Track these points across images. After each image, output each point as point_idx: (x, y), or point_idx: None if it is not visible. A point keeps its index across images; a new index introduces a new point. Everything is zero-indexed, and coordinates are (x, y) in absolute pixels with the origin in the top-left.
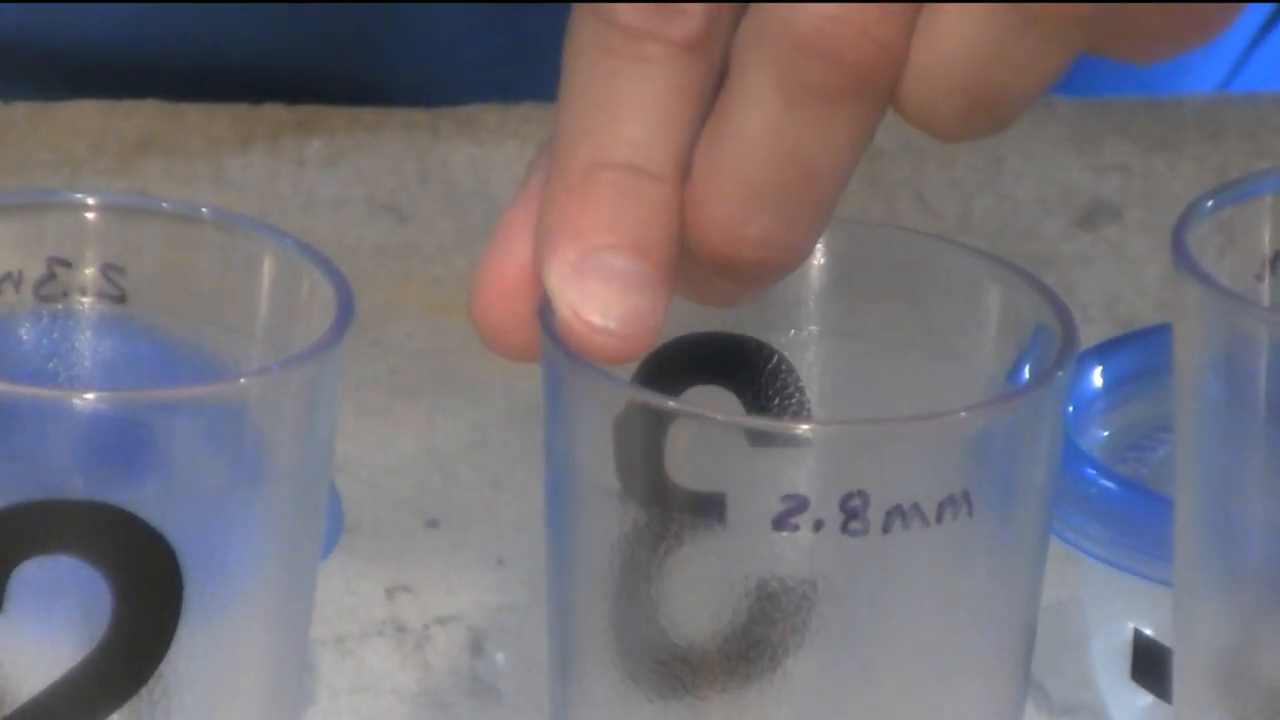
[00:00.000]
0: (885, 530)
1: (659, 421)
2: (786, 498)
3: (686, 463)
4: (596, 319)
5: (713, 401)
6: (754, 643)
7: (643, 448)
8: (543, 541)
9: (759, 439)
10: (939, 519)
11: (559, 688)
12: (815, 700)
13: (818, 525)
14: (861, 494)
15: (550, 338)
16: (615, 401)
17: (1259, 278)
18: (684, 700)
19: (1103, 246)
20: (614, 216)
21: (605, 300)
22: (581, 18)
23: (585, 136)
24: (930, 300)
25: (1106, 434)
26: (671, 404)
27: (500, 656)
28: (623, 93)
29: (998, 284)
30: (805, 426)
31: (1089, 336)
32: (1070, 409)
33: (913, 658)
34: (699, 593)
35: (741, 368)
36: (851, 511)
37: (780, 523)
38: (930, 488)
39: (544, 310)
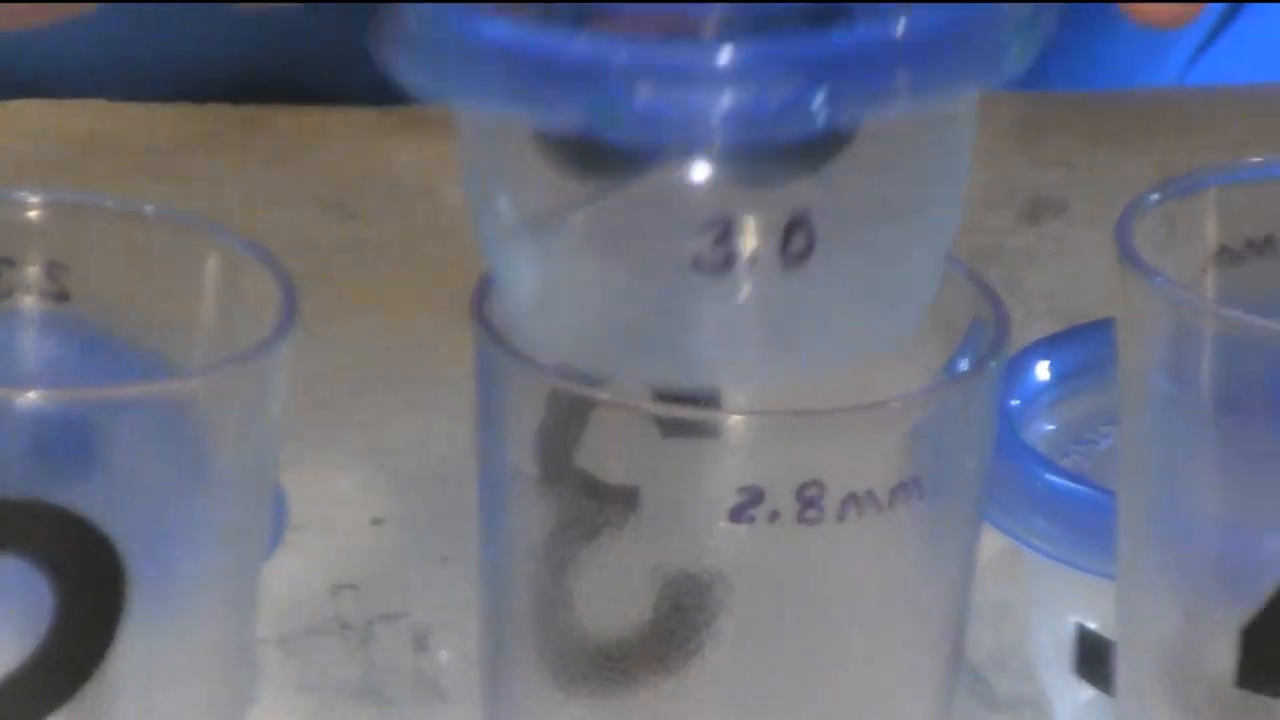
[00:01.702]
0: (840, 518)
1: (597, 413)
2: (743, 489)
3: (626, 454)
4: None
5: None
6: (691, 634)
7: (577, 437)
8: None
9: (697, 430)
10: (891, 505)
11: (490, 682)
12: (752, 687)
13: (773, 516)
14: (818, 483)
15: (482, 325)
16: (542, 388)
17: (1203, 271)
18: (618, 695)
19: (1048, 241)
20: None
21: None
22: None
23: None
24: None
25: (1052, 428)
26: (608, 395)
27: (444, 653)
28: None
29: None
30: (751, 419)
31: (1034, 331)
32: (1015, 403)
33: (853, 640)
34: (631, 585)
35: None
36: (808, 501)
37: (737, 514)
38: (883, 475)
39: (477, 299)
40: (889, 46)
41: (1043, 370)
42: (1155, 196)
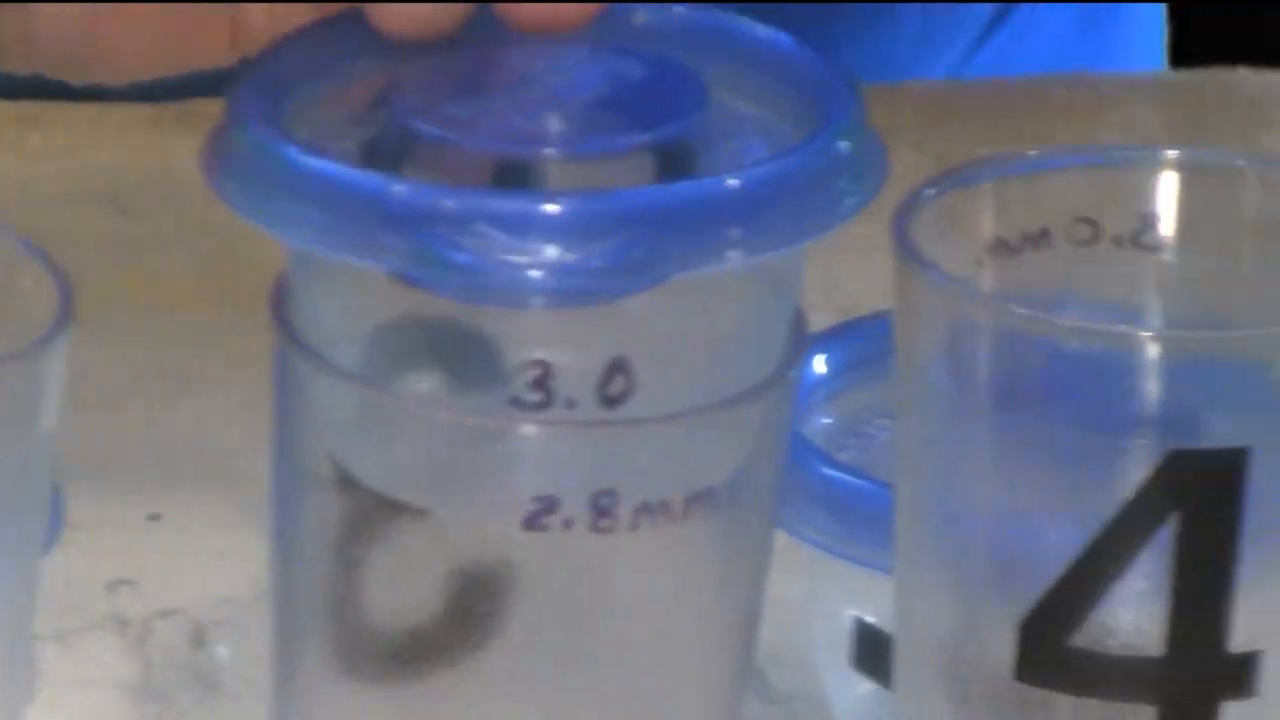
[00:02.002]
0: (634, 527)
1: (390, 416)
2: (538, 498)
3: (421, 459)
4: None
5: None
6: (483, 635)
7: (373, 439)
8: (265, 534)
9: (498, 438)
10: (686, 514)
11: (280, 678)
12: (544, 688)
13: (567, 524)
14: (611, 492)
15: (281, 326)
16: (341, 392)
17: (979, 264)
18: (405, 692)
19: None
20: None
21: None
22: None
23: None
24: None
25: (829, 421)
26: (405, 400)
27: (222, 649)
28: None
29: None
30: (548, 428)
31: (812, 323)
32: None
33: (643, 649)
34: (423, 585)
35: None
36: (601, 509)
37: (531, 522)
38: (677, 484)
39: (276, 300)
40: (721, 200)
41: (819, 364)
42: (931, 190)
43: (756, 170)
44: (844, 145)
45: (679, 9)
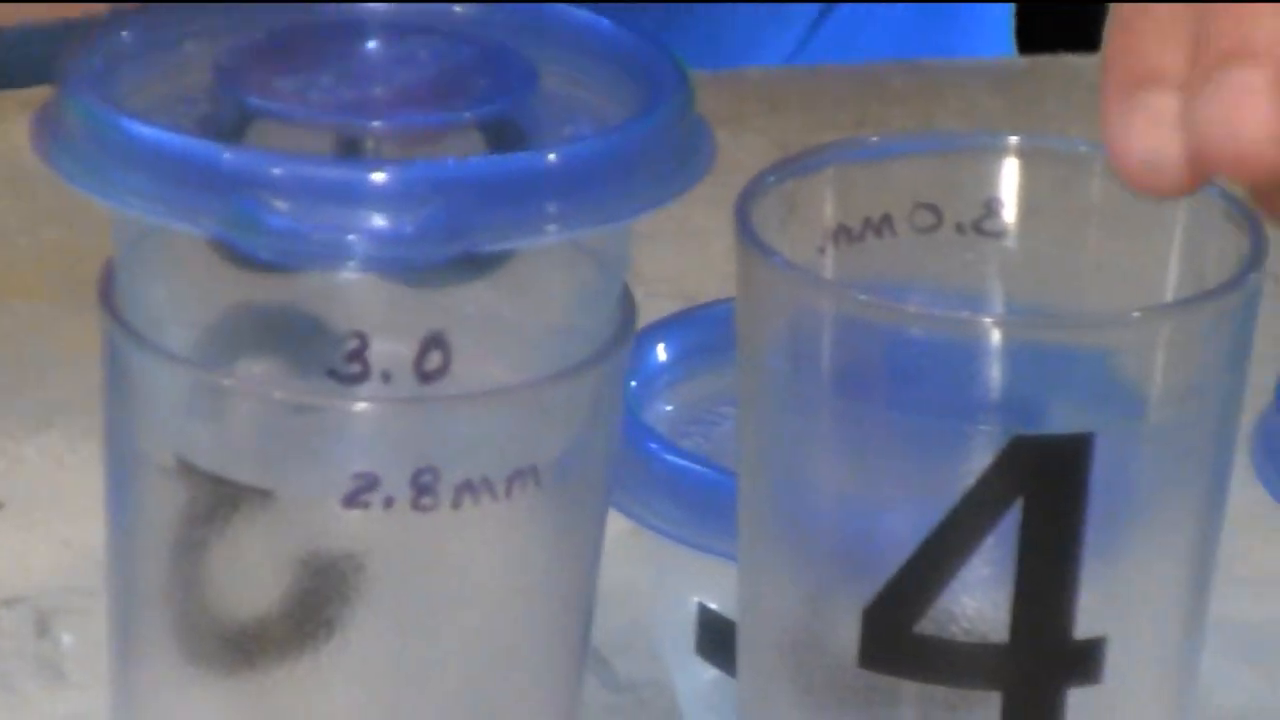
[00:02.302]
0: (456, 505)
1: (217, 397)
2: (358, 475)
3: (247, 439)
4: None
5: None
6: (319, 619)
7: (202, 423)
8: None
9: (320, 415)
10: (508, 493)
11: (120, 669)
12: (380, 672)
13: (388, 502)
14: (432, 469)
15: (110, 314)
16: (172, 376)
17: (821, 250)
18: (246, 677)
19: (666, 221)
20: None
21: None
22: None
23: None
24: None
25: (670, 408)
26: (229, 380)
27: (67, 638)
28: None
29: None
30: (368, 404)
31: (654, 311)
32: (634, 384)
33: (479, 629)
34: (259, 569)
35: (305, 342)
36: (422, 487)
37: (351, 499)
38: (499, 462)
39: (104, 288)
40: (538, 175)
41: (661, 351)
42: (772, 177)
43: (576, 146)
44: (669, 127)
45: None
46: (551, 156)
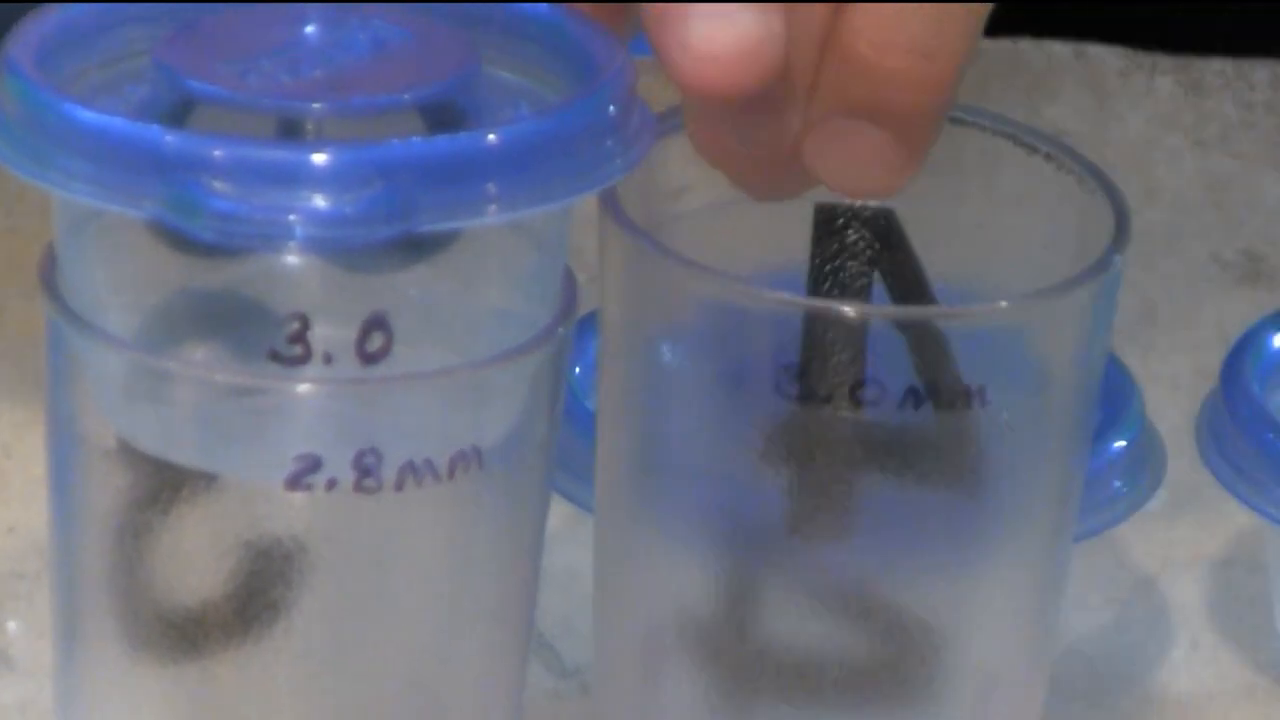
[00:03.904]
0: (399, 487)
1: (159, 380)
2: (300, 457)
3: (189, 422)
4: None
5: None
6: (263, 603)
7: (148, 406)
8: None
9: (262, 397)
10: (451, 475)
11: (64, 655)
12: (325, 655)
13: (331, 484)
14: (374, 451)
15: (52, 297)
16: (113, 360)
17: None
18: (191, 661)
19: None
20: None
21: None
22: None
23: None
24: None
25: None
26: (171, 362)
27: (13, 625)
28: None
29: None
30: (310, 386)
31: (597, 294)
32: (578, 370)
33: (422, 611)
34: (203, 554)
35: (247, 325)
36: (365, 469)
37: (294, 482)
38: (442, 444)
39: (46, 271)
40: (479, 155)
41: None
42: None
43: (515, 127)
44: (610, 109)
45: None
46: (491, 137)
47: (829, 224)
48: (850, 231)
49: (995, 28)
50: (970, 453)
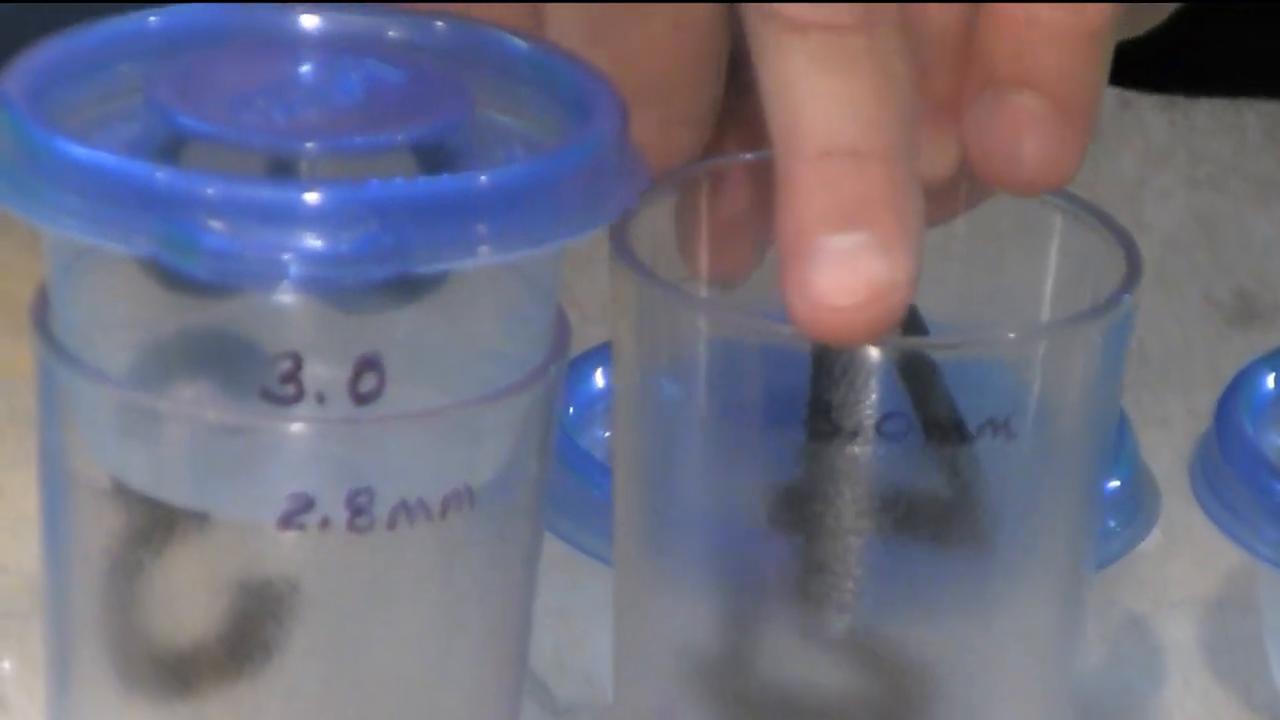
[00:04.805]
0: (391, 526)
1: (151, 419)
2: (292, 496)
3: (181, 461)
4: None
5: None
6: (255, 642)
7: (141, 445)
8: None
9: (254, 436)
10: (444, 514)
11: (57, 694)
12: (317, 695)
13: (323, 523)
14: (367, 490)
15: (43, 336)
16: (106, 398)
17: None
18: (183, 701)
19: (601, 244)
20: (829, 201)
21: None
22: (752, 21)
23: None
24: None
25: (607, 434)
26: (163, 401)
27: (6, 663)
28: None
29: None
30: (302, 425)
31: (587, 333)
32: (570, 410)
33: (415, 650)
34: (195, 593)
35: (239, 363)
36: (357, 508)
37: (286, 521)
38: (434, 483)
39: (38, 310)
40: (471, 197)
41: (598, 378)
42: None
43: (508, 169)
44: (603, 151)
45: (440, 22)
46: (484, 179)
47: None
48: None
49: None
50: (981, 491)
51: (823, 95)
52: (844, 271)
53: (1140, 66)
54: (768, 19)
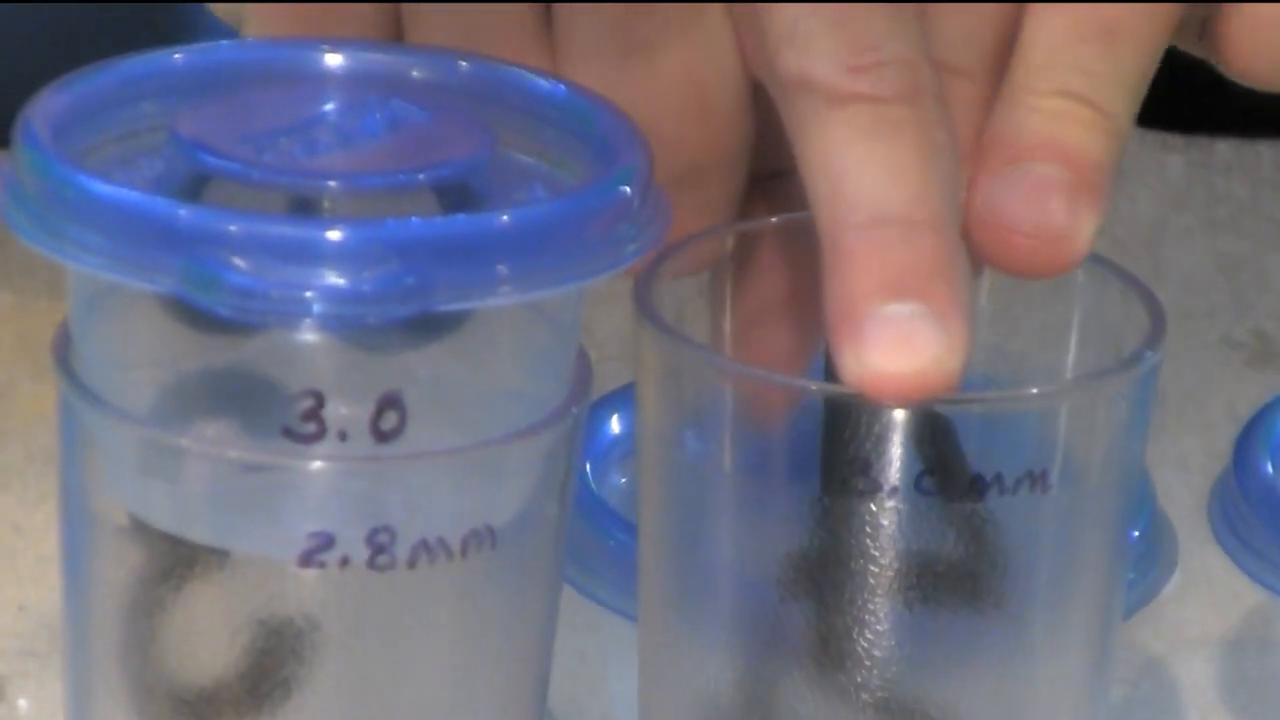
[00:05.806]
0: (411, 565)
1: (172, 457)
2: (313, 534)
3: (202, 499)
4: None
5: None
6: (275, 680)
7: (162, 483)
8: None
9: (275, 474)
10: (464, 553)
11: None
12: None
13: (343, 562)
14: (388, 529)
15: (65, 374)
16: (127, 436)
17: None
18: None
19: (622, 283)
20: (882, 270)
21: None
22: (788, 94)
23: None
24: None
25: (625, 480)
26: (184, 439)
27: (23, 702)
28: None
29: None
30: (323, 463)
31: (608, 373)
32: (588, 466)
33: (434, 690)
34: (215, 631)
35: (261, 401)
36: (378, 547)
37: (307, 559)
38: (455, 522)
39: (60, 348)
40: (492, 236)
41: (614, 423)
42: (670, 253)
43: (530, 209)
44: (625, 191)
45: (463, 62)
46: (505, 218)
47: None
48: None
49: None
50: (1001, 550)
51: (869, 163)
52: (900, 340)
53: (1158, 106)
54: (806, 94)
